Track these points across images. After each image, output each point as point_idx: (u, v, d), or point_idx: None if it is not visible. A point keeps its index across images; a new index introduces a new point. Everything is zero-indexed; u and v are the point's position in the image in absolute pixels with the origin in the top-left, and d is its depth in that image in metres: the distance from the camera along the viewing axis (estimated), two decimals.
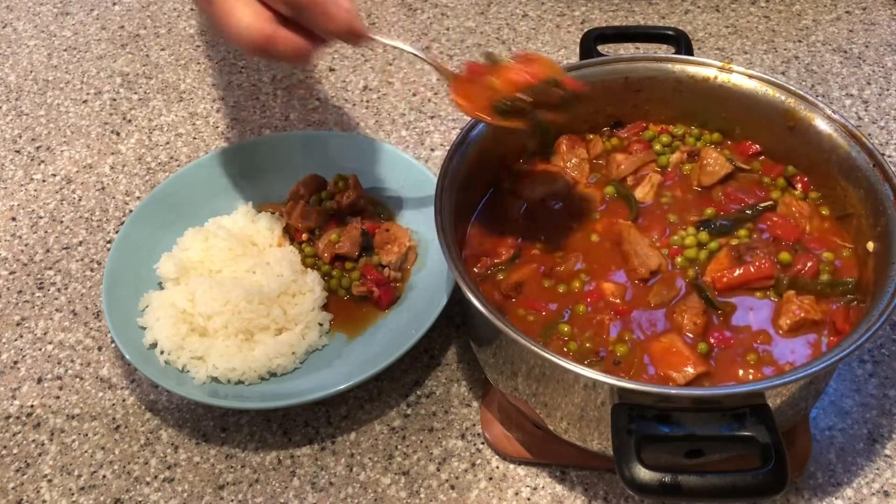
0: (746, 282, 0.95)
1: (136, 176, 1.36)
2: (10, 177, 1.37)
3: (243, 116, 1.44)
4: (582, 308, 0.95)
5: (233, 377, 1.04)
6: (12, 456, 1.04)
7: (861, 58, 1.47)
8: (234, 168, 1.25)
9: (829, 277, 0.95)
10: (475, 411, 1.05)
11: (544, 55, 1.21)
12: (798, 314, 0.91)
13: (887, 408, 1.03)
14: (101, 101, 1.49)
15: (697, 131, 1.12)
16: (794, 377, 0.79)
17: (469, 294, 0.85)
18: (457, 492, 0.98)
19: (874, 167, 0.96)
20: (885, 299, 0.84)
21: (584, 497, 0.97)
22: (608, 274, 0.98)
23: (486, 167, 1.06)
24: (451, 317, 1.14)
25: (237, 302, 1.05)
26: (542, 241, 1.02)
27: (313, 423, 1.05)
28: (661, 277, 0.97)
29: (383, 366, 1.01)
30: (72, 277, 1.22)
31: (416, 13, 1.62)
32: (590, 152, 1.11)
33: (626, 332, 0.92)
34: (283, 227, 1.18)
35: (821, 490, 0.96)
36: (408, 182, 1.22)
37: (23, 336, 1.16)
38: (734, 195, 1.04)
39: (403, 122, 1.41)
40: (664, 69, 1.09)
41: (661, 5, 1.59)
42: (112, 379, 1.11)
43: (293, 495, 0.99)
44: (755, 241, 0.99)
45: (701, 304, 0.93)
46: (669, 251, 0.99)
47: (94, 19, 1.66)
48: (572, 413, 0.87)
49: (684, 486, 0.75)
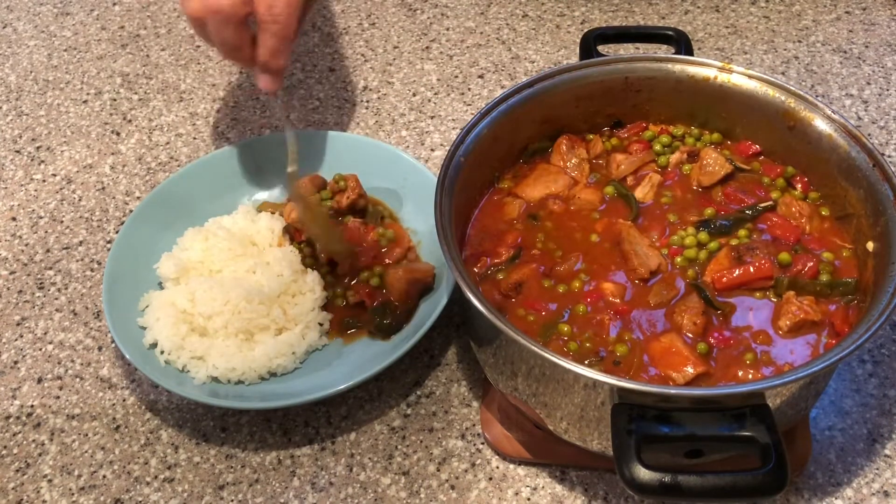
0: (746, 282, 0.95)
1: (136, 176, 1.36)
2: (10, 177, 1.37)
3: (243, 116, 1.44)
4: (582, 308, 0.95)
5: (233, 377, 1.04)
6: (12, 456, 1.04)
7: (861, 58, 1.47)
8: (234, 168, 1.25)
9: (829, 278, 0.95)
10: (475, 411, 1.05)
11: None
12: (798, 315, 0.91)
13: (887, 408, 1.03)
14: (102, 101, 1.49)
15: (697, 131, 1.12)
16: (794, 377, 0.79)
17: (469, 294, 0.85)
18: (457, 492, 0.98)
19: (874, 167, 0.96)
20: (885, 299, 0.84)
21: (584, 497, 0.97)
22: (608, 274, 0.98)
23: (486, 167, 1.06)
24: (451, 317, 1.14)
25: (237, 302, 1.05)
26: (541, 241, 1.02)
27: (313, 423, 1.05)
28: (661, 278, 0.97)
29: (383, 366, 1.01)
30: (72, 277, 1.22)
31: (416, 13, 1.62)
32: (590, 152, 1.11)
33: (626, 332, 0.92)
34: (283, 227, 1.17)
35: (821, 490, 0.97)
36: (408, 182, 1.22)
37: (23, 336, 1.16)
38: (734, 195, 1.04)
39: (403, 122, 1.41)
40: (664, 69, 1.09)
41: (661, 5, 1.59)
42: (112, 379, 1.11)
43: (293, 495, 0.99)
44: (755, 241, 0.99)
45: (700, 304, 0.93)
46: (669, 251, 0.99)
47: (94, 19, 1.66)
48: (572, 413, 0.87)
49: (684, 486, 0.75)
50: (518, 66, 1.49)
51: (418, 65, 1.51)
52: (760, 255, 0.96)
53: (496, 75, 1.48)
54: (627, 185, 1.07)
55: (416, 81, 1.48)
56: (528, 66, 1.49)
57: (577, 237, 1.02)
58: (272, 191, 1.25)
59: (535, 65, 1.49)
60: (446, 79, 1.48)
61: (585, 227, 1.03)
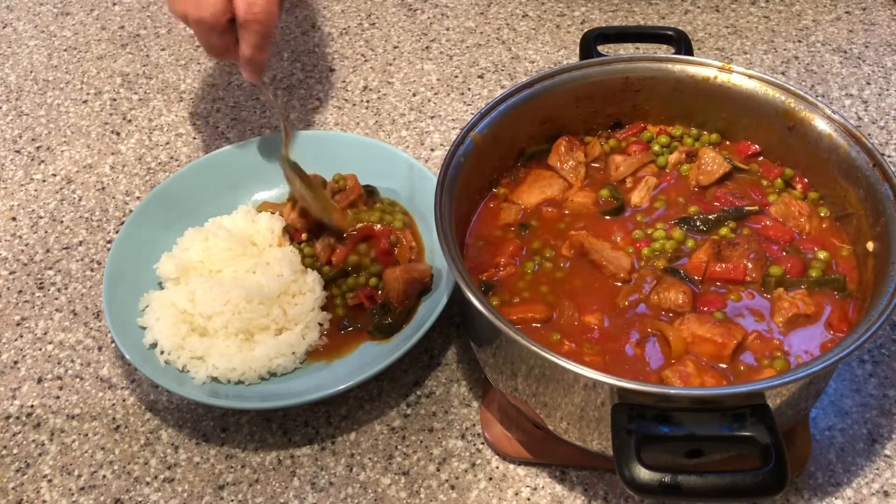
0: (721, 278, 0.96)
1: (136, 176, 1.36)
2: (10, 177, 1.37)
3: (243, 116, 1.44)
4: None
5: (233, 377, 1.04)
6: (12, 456, 1.04)
7: (861, 58, 1.47)
8: (234, 168, 1.25)
9: (820, 274, 0.95)
10: (475, 411, 1.05)
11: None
12: (790, 310, 0.92)
13: (887, 408, 1.03)
14: (101, 101, 1.49)
15: (696, 132, 1.12)
16: (794, 377, 0.79)
17: (469, 294, 0.85)
18: (457, 492, 0.98)
19: (874, 167, 0.96)
20: (884, 299, 0.85)
21: (584, 497, 0.97)
22: (591, 307, 0.96)
23: (485, 168, 1.06)
24: (451, 317, 1.14)
25: (237, 302, 1.05)
26: (529, 275, 1.00)
27: (313, 423, 1.05)
28: (633, 282, 0.97)
29: (383, 366, 1.01)
30: (72, 277, 1.22)
31: (416, 13, 1.62)
32: (587, 156, 1.11)
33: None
34: (283, 227, 1.17)
35: (821, 490, 0.97)
36: (408, 182, 1.22)
37: (23, 336, 1.16)
38: (724, 197, 1.04)
39: (403, 122, 1.41)
40: (664, 69, 1.09)
41: (661, 5, 1.59)
42: (112, 379, 1.11)
43: (293, 495, 0.99)
44: (739, 237, 0.99)
45: (677, 280, 0.95)
46: (634, 247, 1.00)
47: (94, 19, 1.66)
48: (572, 413, 0.87)
49: (684, 486, 0.75)
50: (518, 66, 1.49)
51: (418, 65, 1.51)
52: (741, 251, 0.96)
53: (496, 75, 1.48)
54: (626, 188, 1.07)
55: (416, 81, 1.48)
56: (528, 66, 1.49)
57: (557, 278, 0.99)
58: (272, 191, 1.25)
59: (535, 65, 1.49)
60: (446, 79, 1.48)
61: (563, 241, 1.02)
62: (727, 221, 1.01)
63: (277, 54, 1.54)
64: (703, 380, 0.87)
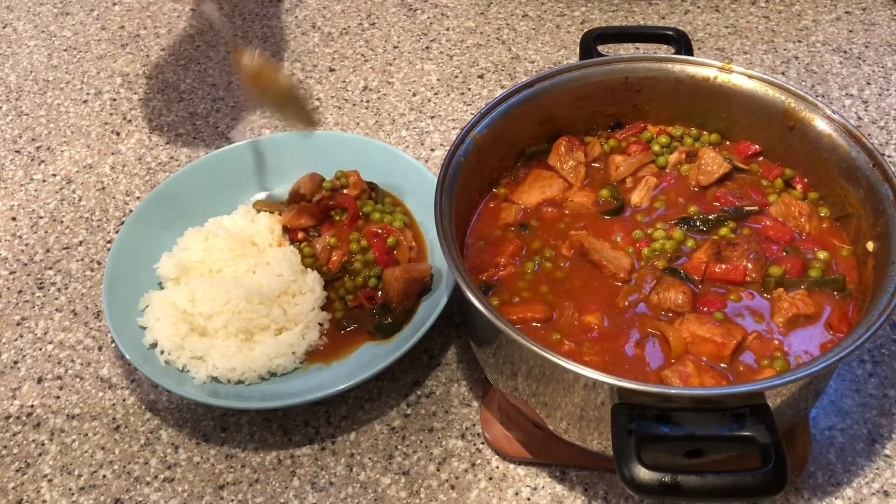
0: (720, 279, 0.96)
1: (136, 176, 1.36)
2: (10, 177, 1.37)
3: (243, 116, 1.44)
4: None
5: (233, 377, 1.04)
6: (12, 456, 1.04)
7: (861, 58, 1.47)
8: (234, 168, 1.25)
9: (820, 274, 0.95)
10: (475, 411, 1.05)
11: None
12: (790, 311, 0.92)
13: (887, 408, 1.03)
14: (101, 101, 1.49)
15: (696, 132, 1.12)
16: (794, 377, 0.79)
17: (469, 294, 0.85)
18: (457, 492, 0.98)
19: (874, 167, 0.96)
20: (884, 299, 0.85)
21: (584, 497, 0.97)
22: (591, 307, 0.96)
23: (485, 168, 1.06)
24: (451, 317, 1.14)
25: (237, 302, 1.05)
26: (528, 275, 1.00)
27: (313, 423, 1.05)
28: (633, 282, 0.97)
29: (383, 366, 1.01)
30: (72, 277, 1.22)
31: (416, 13, 1.62)
32: (587, 156, 1.11)
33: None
34: (283, 227, 1.17)
35: (821, 490, 0.97)
36: (408, 182, 1.22)
37: (23, 336, 1.16)
38: (724, 197, 1.04)
39: (403, 122, 1.41)
40: (664, 69, 1.09)
41: (661, 5, 1.59)
42: (112, 379, 1.11)
43: (293, 495, 0.99)
44: (738, 237, 0.99)
45: (676, 280, 0.94)
46: (634, 247, 0.99)
47: (94, 19, 1.66)
48: (572, 413, 0.87)
49: (684, 486, 0.75)
50: (518, 66, 1.49)
51: (418, 65, 1.51)
52: (740, 251, 0.96)
53: (496, 75, 1.48)
54: (626, 188, 1.07)
55: (416, 81, 1.48)
56: (528, 66, 1.49)
57: (558, 278, 0.99)
58: (272, 191, 1.25)
59: (535, 65, 1.50)
60: (446, 79, 1.48)
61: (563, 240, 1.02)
62: (727, 221, 1.01)
63: (277, 54, 1.55)
64: (703, 380, 0.87)
